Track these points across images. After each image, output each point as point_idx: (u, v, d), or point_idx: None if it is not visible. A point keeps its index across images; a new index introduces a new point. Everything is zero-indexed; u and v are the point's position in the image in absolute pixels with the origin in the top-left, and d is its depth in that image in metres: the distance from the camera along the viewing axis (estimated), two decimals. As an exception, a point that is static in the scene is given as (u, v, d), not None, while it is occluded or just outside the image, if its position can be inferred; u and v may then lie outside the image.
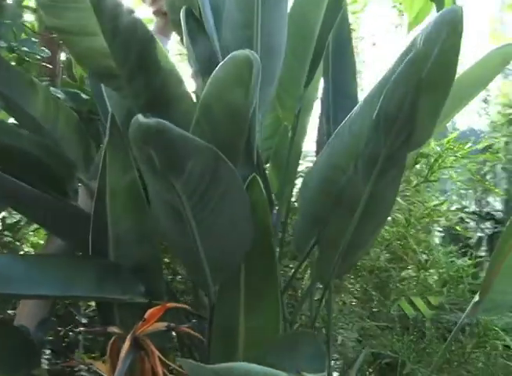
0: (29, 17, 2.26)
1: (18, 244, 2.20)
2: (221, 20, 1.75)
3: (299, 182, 2.08)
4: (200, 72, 1.65)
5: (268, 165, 2.01)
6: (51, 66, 2.19)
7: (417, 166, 2.34)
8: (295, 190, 2.05)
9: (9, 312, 2.00)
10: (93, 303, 2.03)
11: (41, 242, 2.32)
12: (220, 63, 1.21)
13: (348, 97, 1.95)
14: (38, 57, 1.96)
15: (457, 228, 2.74)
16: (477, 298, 1.60)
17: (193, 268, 1.46)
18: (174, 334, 1.66)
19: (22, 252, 2.26)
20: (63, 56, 2.34)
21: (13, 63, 1.96)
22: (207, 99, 1.22)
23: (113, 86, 1.68)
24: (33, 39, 1.94)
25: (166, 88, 1.45)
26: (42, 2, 1.55)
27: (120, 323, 1.54)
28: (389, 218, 2.14)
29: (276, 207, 1.86)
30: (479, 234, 4.37)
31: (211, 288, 1.50)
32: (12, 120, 1.99)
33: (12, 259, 1.48)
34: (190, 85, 1.65)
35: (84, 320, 1.99)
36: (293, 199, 2.00)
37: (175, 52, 3.02)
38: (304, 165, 2.36)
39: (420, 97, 1.25)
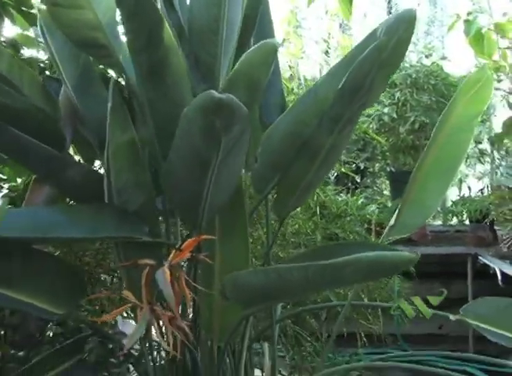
0: None
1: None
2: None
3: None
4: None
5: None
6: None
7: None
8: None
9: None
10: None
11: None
12: (253, 47, 1.52)
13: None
14: None
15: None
16: (392, 222, 2.11)
17: (192, 209, 1.77)
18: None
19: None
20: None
21: None
22: (236, 73, 1.53)
23: (98, 56, 1.89)
24: None
25: (165, 60, 1.71)
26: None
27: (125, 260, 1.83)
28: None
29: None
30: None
31: (202, 225, 1.83)
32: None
33: (50, 210, 1.68)
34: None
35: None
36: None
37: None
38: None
39: (378, 73, 1.68)
